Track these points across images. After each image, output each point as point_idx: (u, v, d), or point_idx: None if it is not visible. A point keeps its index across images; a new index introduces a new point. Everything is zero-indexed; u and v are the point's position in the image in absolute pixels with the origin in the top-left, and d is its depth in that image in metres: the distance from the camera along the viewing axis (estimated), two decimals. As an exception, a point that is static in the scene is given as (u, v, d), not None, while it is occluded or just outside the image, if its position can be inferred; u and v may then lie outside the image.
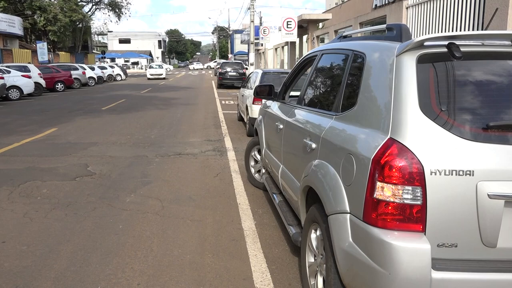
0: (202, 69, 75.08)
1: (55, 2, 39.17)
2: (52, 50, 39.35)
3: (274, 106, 4.57)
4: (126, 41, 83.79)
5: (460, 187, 1.98)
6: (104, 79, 34.39)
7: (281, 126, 3.95)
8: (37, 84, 20.06)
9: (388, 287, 1.97)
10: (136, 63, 73.51)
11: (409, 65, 2.15)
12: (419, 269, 1.92)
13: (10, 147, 7.87)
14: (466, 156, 1.98)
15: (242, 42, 51.36)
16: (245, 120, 9.71)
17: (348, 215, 2.25)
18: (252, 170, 5.51)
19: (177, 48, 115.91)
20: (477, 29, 7.78)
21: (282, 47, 31.07)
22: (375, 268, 2.02)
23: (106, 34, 65.57)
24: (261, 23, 35.78)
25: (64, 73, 25.00)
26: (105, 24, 52.95)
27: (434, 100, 2.09)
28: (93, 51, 57.11)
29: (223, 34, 79.54)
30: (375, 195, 2.05)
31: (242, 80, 20.63)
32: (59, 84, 24.13)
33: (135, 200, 4.87)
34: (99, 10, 48.32)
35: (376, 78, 2.39)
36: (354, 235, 2.19)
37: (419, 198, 1.98)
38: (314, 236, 2.82)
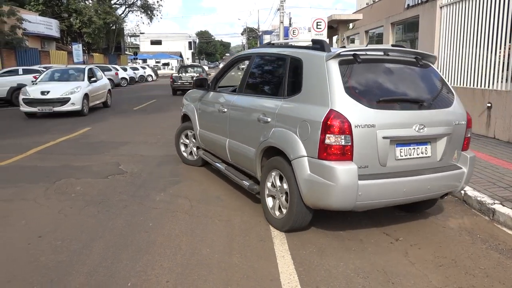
0: None
1: (90, 5, 40.31)
2: (86, 51, 40.49)
3: (208, 95, 5.81)
4: (158, 42, 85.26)
5: (368, 134, 3.49)
6: (136, 79, 35.14)
7: (225, 109, 5.10)
8: (72, 84, 20.66)
9: (335, 192, 3.42)
10: (167, 64, 74.69)
11: (335, 66, 3.62)
12: (351, 179, 3.41)
13: (47, 145, 8.16)
14: (370, 117, 3.50)
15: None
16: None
17: (306, 157, 3.61)
18: (185, 154, 6.65)
19: (207, 49, 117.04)
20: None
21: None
22: (327, 183, 3.44)
23: (138, 36, 66.88)
24: (290, 24, 35.70)
25: (98, 74, 25.67)
26: (137, 26, 54.21)
27: (351, 86, 3.60)
28: (126, 52, 58.37)
29: (253, 35, 79.72)
30: (325, 142, 3.45)
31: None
32: (93, 84, 24.78)
33: (165, 199, 4.96)
34: (132, 12, 49.31)
35: (314, 74, 3.77)
36: (311, 168, 3.56)
37: (349, 141, 3.43)
38: (273, 177, 4.10)
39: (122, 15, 47.08)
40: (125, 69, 32.77)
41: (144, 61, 64.24)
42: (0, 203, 4.84)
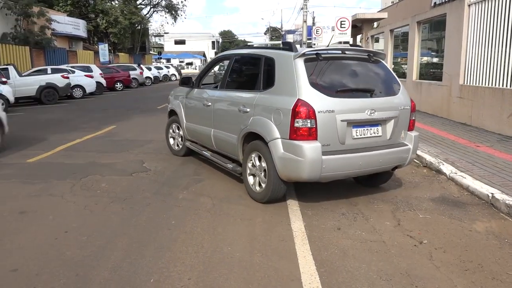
0: None
1: (116, 5, 41.04)
2: (112, 51, 41.26)
3: (193, 91, 6.49)
4: (181, 42, 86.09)
5: (329, 118, 4.26)
6: (160, 79, 35.57)
7: (210, 104, 5.84)
8: (98, 83, 21.12)
9: (303, 165, 4.18)
10: (190, 64, 75.36)
11: (301, 63, 4.39)
12: (316, 155, 4.16)
13: (74, 143, 8.36)
14: (330, 104, 4.27)
15: (294, 42, 51.19)
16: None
17: (280, 139, 4.37)
18: (176, 147, 7.21)
19: (230, 48, 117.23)
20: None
21: (335, 47, 30.57)
22: (297, 158, 4.19)
23: (162, 36, 67.66)
24: (313, 23, 35.50)
25: (123, 73, 26.17)
26: (161, 26, 54.73)
27: (314, 79, 4.36)
28: (150, 52, 59.18)
29: (276, 35, 79.57)
30: (294, 125, 4.20)
31: None
32: (118, 83, 25.28)
33: (187, 197, 5.01)
34: (157, 12, 49.88)
35: (284, 71, 4.54)
36: (284, 147, 4.32)
37: (314, 124, 4.19)
38: (254, 158, 4.86)
39: (147, 15, 47.73)
40: (149, 69, 33.20)
41: (168, 60, 65.06)
42: (29, 198, 4.99)
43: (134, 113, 13.55)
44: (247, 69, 5.66)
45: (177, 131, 7.10)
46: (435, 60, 13.07)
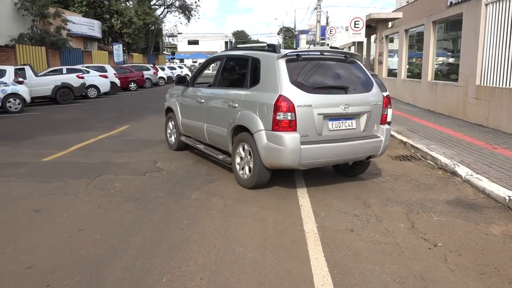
0: None
1: (131, 6, 41.42)
2: (126, 51, 41.65)
3: (188, 90, 7.04)
4: (195, 42, 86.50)
5: (307, 112, 4.79)
6: (173, 79, 35.77)
7: (203, 100, 6.38)
8: (112, 83, 21.37)
9: (284, 154, 4.73)
10: (203, 64, 75.51)
11: (282, 63, 4.94)
12: (295, 144, 4.71)
13: (88, 142, 8.46)
14: (308, 99, 4.81)
15: (307, 42, 50.99)
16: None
17: (264, 131, 4.92)
18: (172, 142, 7.72)
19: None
20: None
21: (349, 47, 30.38)
22: (279, 147, 4.75)
23: (176, 36, 68.08)
24: (327, 23, 35.32)
25: (137, 73, 26.43)
26: (175, 26, 55.15)
27: (294, 77, 4.90)
28: (164, 52, 59.60)
29: (289, 35, 79.45)
30: (276, 118, 4.74)
31: None
32: (132, 83, 25.52)
33: (200, 197, 5.03)
34: (170, 13, 50.18)
35: (268, 70, 5.09)
36: (268, 138, 4.87)
37: (293, 117, 4.73)
38: (242, 148, 5.39)
39: (161, 15, 48.09)
40: (163, 69, 33.45)
41: (181, 60, 65.46)
42: (44, 196, 5.07)
43: (148, 113, 13.66)
44: (237, 69, 6.25)
45: (171, 127, 7.69)
46: (451, 60, 12.90)
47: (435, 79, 12.91)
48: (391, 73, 19.24)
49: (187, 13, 49.04)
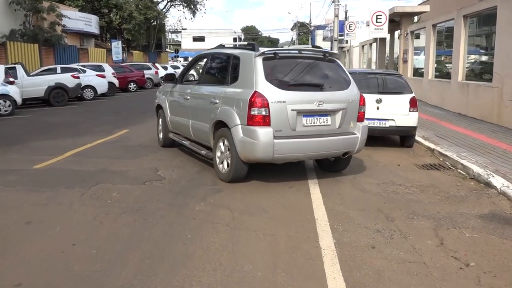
0: None
1: (131, -1, 41.89)
2: (126, 48, 42.06)
3: (176, 87, 7.86)
4: (200, 39, 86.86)
5: (281, 107, 5.47)
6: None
7: (189, 97, 7.20)
8: (110, 84, 21.53)
9: (258, 147, 5.40)
10: (210, 62, 75.80)
11: (259, 61, 5.61)
12: (268, 138, 5.40)
13: (83, 148, 8.53)
14: (282, 96, 5.50)
15: (324, 39, 50.96)
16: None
17: (240, 125, 5.58)
18: (161, 139, 8.55)
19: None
20: None
21: (370, 44, 30.33)
22: (253, 141, 5.41)
23: (180, 32, 68.62)
24: (346, 18, 35.31)
25: (137, 72, 26.63)
26: (179, 21, 55.53)
27: (270, 75, 5.59)
28: (167, 49, 60.05)
29: (303, 31, 79.57)
30: (251, 113, 5.41)
31: None
32: (131, 84, 25.73)
33: (205, 208, 5.03)
34: (174, 7, 50.62)
35: (247, 67, 5.75)
36: (243, 132, 5.53)
37: (267, 113, 5.41)
38: (221, 143, 6.04)
39: (164, 10, 48.53)
40: (165, 68, 33.66)
41: (186, 59, 65.69)
42: (36, 207, 5.11)
43: (149, 116, 13.72)
44: (219, 66, 7.03)
45: (161, 124, 8.46)
46: (484, 58, 12.80)
47: (466, 79, 12.82)
48: (417, 72, 19.16)
49: (192, 7, 49.38)
